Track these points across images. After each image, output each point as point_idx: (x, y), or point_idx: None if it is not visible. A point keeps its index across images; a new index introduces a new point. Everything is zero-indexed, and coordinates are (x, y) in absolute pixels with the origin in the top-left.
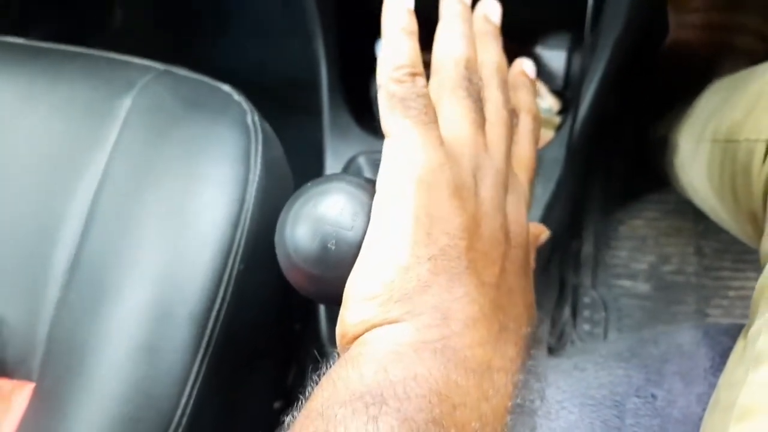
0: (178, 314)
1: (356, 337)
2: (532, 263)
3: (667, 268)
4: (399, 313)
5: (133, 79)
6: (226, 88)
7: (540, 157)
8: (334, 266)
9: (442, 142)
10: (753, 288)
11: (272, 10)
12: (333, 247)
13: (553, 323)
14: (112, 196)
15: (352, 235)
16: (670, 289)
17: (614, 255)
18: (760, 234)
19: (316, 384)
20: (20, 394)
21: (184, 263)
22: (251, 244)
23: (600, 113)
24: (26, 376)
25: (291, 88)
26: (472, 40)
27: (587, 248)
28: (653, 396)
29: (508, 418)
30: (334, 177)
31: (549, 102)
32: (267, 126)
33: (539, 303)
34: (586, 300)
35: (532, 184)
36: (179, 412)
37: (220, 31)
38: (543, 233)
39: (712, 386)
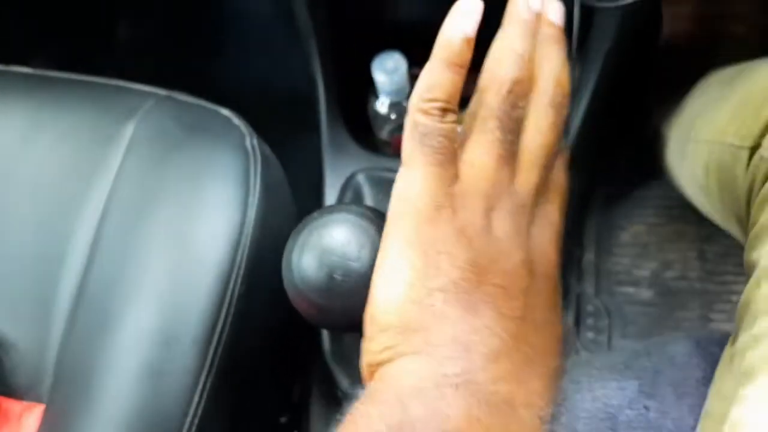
0: (181, 338)
1: (380, 365)
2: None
3: (670, 273)
4: (419, 343)
5: (135, 106)
6: (225, 112)
7: None
8: (341, 296)
9: (453, 181)
10: None
11: (272, 28)
12: (339, 278)
13: None
14: (115, 222)
15: (358, 266)
16: (674, 294)
17: (616, 262)
18: (745, 237)
19: (340, 422)
20: (30, 415)
21: (186, 287)
22: (252, 267)
23: (594, 123)
24: (36, 399)
25: (292, 104)
26: (525, 59)
27: (589, 256)
28: (646, 408)
29: None
30: (340, 208)
31: None
32: (266, 148)
33: None
34: (590, 308)
35: (564, 209)
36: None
37: (221, 48)
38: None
39: (705, 397)
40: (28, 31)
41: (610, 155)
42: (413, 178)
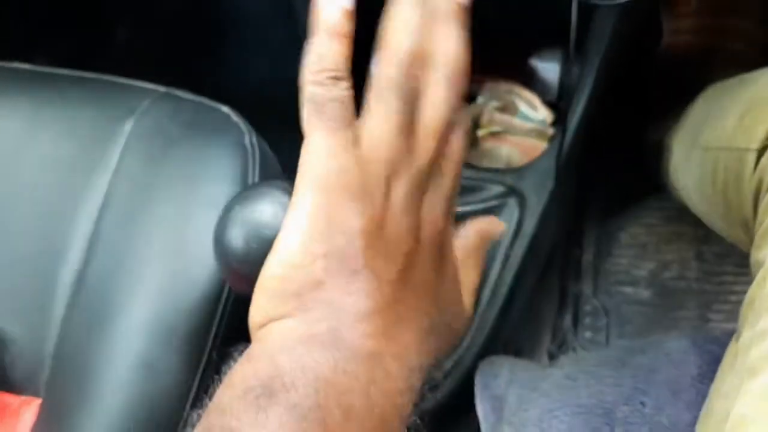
0: (178, 332)
1: (259, 329)
2: (455, 261)
3: (668, 274)
4: (291, 308)
5: (134, 103)
6: (224, 109)
7: (533, 167)
8: (259, 264)
9: (352, 146)
10: None
11: (272, 28)
12: (255, 246)
13: (555, 331)
14: (114, 217)
15: (271, 234)
16: (672, 295)
17: (615, 262)
18: (751, 242)
19: (220, 382)
20: (28, 409)
21: (184, 282)
22: None
23: (591, 123)
24: (34, 393)
25: (291, 104)
26: (421, 29)
27: (587, 256)
28: (642, 404)
29: (401, 398)
30: (263, 183)
31: (543, 114)
32: (265, 146)
33: (540, 312)
34: (588, 308)
35: (458, 181)
36: (180, 427)
37: (221, 46)
38: (497, 227)
39: (700, 394)
40: (28, 28)
41: (610, 157)
42: (313, 146)
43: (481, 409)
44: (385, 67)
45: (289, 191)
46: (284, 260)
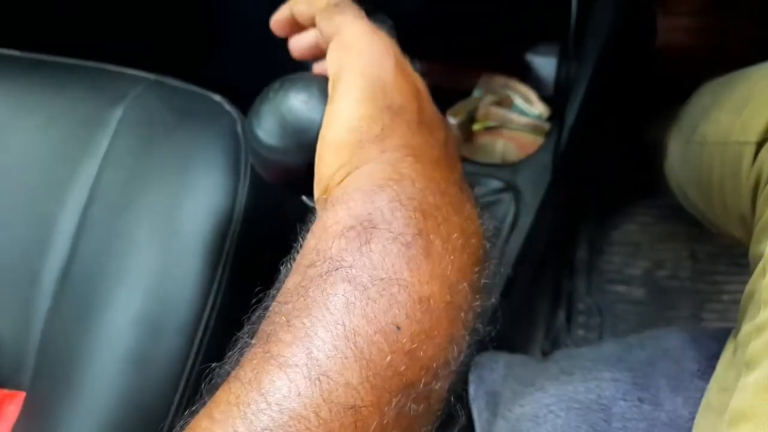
0: (167, 324)
1: (337, 186)
2: None
3: (662, 273)
4: (373, 153)
5: (124, 90)
6: (216, 97)
7: (529, 163)
8: (293, 138)
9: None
10: None
11: (265, 20)
12: (289, 117)
13: (548, 329)
14: (102, 206)
15: (307, 108)
16: (665, 293)
17: (608, 260)
18: (749, 237)
19: (305, 234)
20: (11, 403)
21: (174, 274)
22: (240, 254)
23: (588, 119)
24: (17, 386)
25: None
26: None
27: (581, 254)
28: (640, 400)
29: (485, 241)
30: (291, 75)
31: (539, 108)
32: None
33: (534, 309)
34: (581, 306)
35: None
36: (169, 420)
37: (213, 40)
38: None
39: (699, 389)
40: (19, 16)
41: (605, 155)
42: (350, 31)
43: (476, 404)
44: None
45: (320, 80)
46: (356, 113)
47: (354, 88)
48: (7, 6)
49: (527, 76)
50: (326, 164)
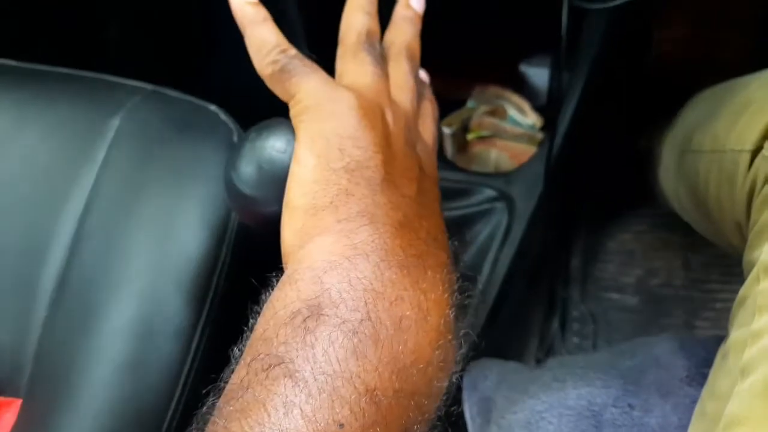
0: (163, 332)
1: (295, 252)
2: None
3: (655, 281)
4: (328, 222)
5: (121, 100)
6: (213, 108)
7: (522, 172)
8: (269, 187)
9: (339, 83)
10: None
11: None
12: (266, 167)
13: (542, 336)
14: (99, 215)
15: (285, 157)
16: (659, 302)
17: (603, 268)
18: (744, 243)
19: (258, 313)
20: (8, 410)
21: (169, 282)
22: (236, 263)
23: (581, 128)
24: (14, 393)
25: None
26: (373, 15)
27: (576, 262)
28: (630, 406)
29: (449, 309)
30: (271, 119)
31: (532, 118)
32: None
33: (528, 317)
34: (575, 313)
35: (437, 126)
36: (165, 426)
37: (210, 47)
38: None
39: (688, 396)
40: (15, 26)
41: (599, 164)
42: (303, 86)
43: (468, 410)
44: (350, 39)
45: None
46: (309, 178)
47: (308, 153)
48: (4, 16)
49: (520, 86)
50: (285, 228)
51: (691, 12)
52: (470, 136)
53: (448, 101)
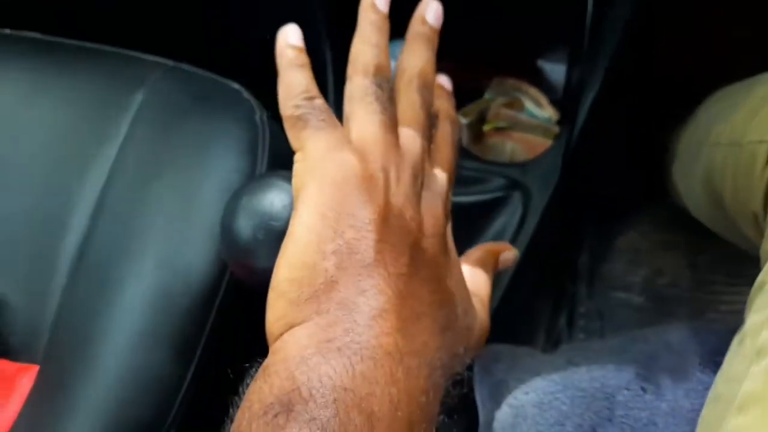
0: (181, 303)
1: (277, 338)
2: (457, 260)
3: (662, 281)
4: (307, 313)
5: (143, 75)
6: (235, 85)
7: (538, 163)
8: (265, 256)
9: (347, 142)
10: (745, 302)
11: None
12: (262, 237)
13: (549, 332)
14: (120, 187)
15: (279, 225)
16: (664, 301)
17: (610, 266)
18: (760, 236)
19: (237, 406)
20: (25, 375)
21: (189, 254)
22: None
23: (597, 123)
24: (31, 360)
25: None
26: (383, 48)
27: (584, 258)
28: (643, 389)
29: (425, 397)
30: (271, 173)
31: (549, 112)
32: (275, 126)
33: (535, 311)
34: (582, 309)
35: (452, 183)
36: (180, 396)
37: (230, 24)
38: (508, 252)
39: (700, 382)
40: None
41: (610, 161)
42: (308, 149)
43: (479, 394)
44: (358, 80)
45: None
46: (297, 261)
47: (303, 229)
48: None
49: (538, 81)
50: (268, 309)
51: (706, 10)
52: (486, 127)
53: (465, 91)
